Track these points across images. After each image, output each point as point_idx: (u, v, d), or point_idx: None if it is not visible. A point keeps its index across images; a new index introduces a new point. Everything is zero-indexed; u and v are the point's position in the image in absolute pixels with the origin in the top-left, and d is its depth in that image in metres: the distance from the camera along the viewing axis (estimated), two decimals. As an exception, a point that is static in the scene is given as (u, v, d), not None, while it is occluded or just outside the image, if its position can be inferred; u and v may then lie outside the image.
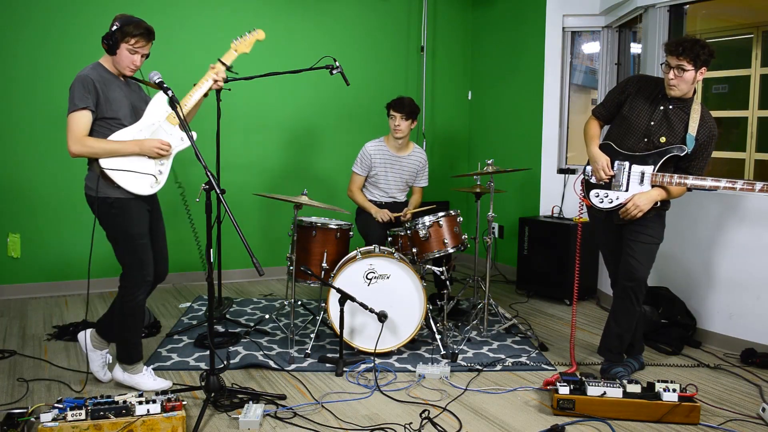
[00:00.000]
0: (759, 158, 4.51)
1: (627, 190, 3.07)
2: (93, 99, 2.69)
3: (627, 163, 3.07)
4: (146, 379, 2.96)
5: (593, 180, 3.17)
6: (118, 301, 2.90)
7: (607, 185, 3.12)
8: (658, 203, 3.03)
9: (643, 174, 3.04)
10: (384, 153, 4.20)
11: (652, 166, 3.02)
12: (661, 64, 2.99)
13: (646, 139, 3.06)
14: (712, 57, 2.88)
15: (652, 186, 3.02)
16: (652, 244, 3.09)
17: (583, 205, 3.24)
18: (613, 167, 3.10)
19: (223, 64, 3.05)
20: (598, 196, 3.14)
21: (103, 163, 2.72)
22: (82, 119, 2.68)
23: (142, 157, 2.78)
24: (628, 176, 3.07)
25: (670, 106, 3.03)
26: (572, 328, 3.37)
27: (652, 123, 3.04)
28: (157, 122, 2.84)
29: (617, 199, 3.08)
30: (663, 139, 3.02)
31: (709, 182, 2.93)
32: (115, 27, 2.71)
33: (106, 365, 3.03)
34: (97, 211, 2.80)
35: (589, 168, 3.19)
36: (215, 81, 2.99)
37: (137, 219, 2.82)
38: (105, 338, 3.00)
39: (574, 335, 3.38)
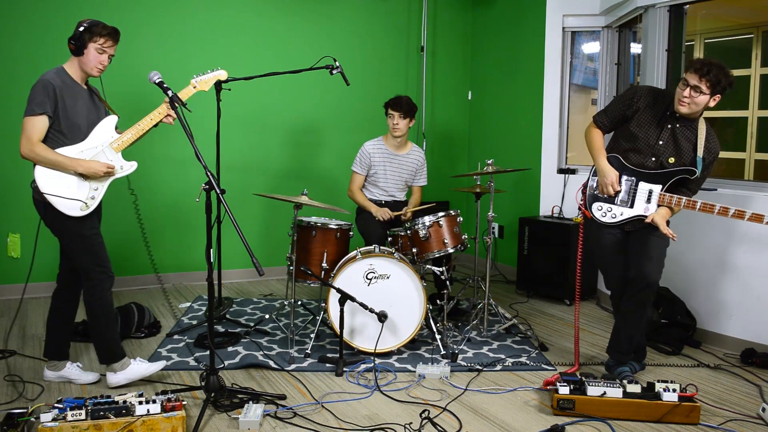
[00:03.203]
0: (759, 158, 4.52)
1: (632, 207, 3.04)
2: (51, 105, 2.71)
3: (634, 179, 3.05)
4: (137, 369, 2.97)
5: (597, 192, 3.13)
6: (88, 304, 2.90)
7: (610, 199, 3.09)
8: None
9: (650, 192, 3.01)
10: (383, 151, 4.20)
11: (660, 185, 3.00)
12: (679, 79, 2.92)
13: (654, 159, 3.03)
14: (731, 87, 2.81)
15: (659, 205, 3.00)
16: (663, 247, 3.08)
17: (580, 214, 3.21)
18: (619, 182, 3.07)
19: (178, 99, 2.89)
20: (600, 210, 3.10)
21: (41, 183, 2.72)
22: (38, 124, 2.71)
23: (79, 179, 2.78)
24: (635, 193, 3.04)
25: (677, 125, 2.99)
26: (575, 328, 3.37)
27: (661, 143, 3.01)
28: (100, 146, 2.85)
29: (621, 215, 3.06)
30: (672, 160, 2.99)
31: (716, 210, 2.91)
32: (82, 28, 2.77)
33: (80, 370, 3.06)
34: (44, 217, 2.81)
35: (593, 180, 3.15)
36: (167, 115, 2.92)
37: (88, 221, 2.83)
38: (57, 358, 3.03)
39: (578, 335, 3.37)
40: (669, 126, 3.00)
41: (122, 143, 2.88)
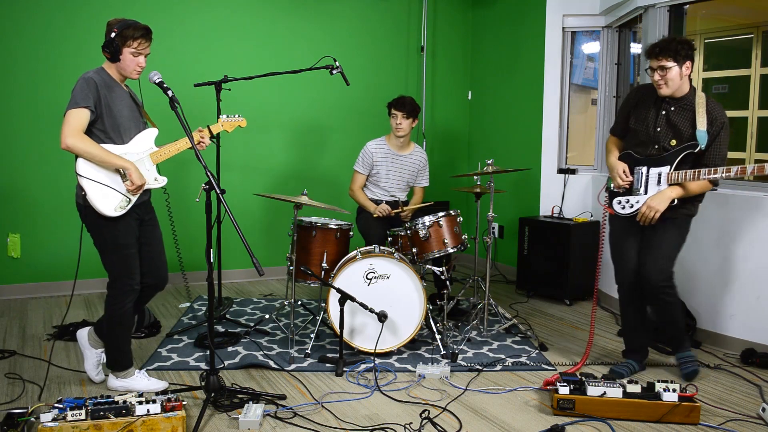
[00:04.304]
0: (759, 158, 4.52)
1: (646, 193, 3.10)
2: (94, 100, 2.69)
3: (645, 167, 3.11)
4: (139, 381, 2.96)
5: (614, 189, 3.22)
6: (106, 310, 2.89)
7: (628, 191, 3.16)
8: (675, 201, 3.04)
9: (660, 175, 3.07)
10: (385, 151, 4.21)
11: (669, 166, 3.05)
12: (645, 70, 3.03)
13: (656, 146, 3.09)
14: (693, 50, 2.95)
15: (669, 185, 3.05)
16: (670, 243, 3.13)
17: (606, 215, 3.28)
18: (632, 173, 3.14)
19: (210, 132, 3.12)
20: (620, 203, 3.18)
21: (82, 169, 2.70)
22: (81, 116, 2.67)
23: (120, 177, 2.76)
24: (646, 179, 3.10)
25: (672, 108, 3.05)
26: (591, 329, 3.37)
27: (658, 129, 3.08)
28: (141, 153, 2.85)
29: (637, 203, 3.11)
30: (674, 143, 3.05)
31: (720, 172, 2.92)
32: (113, 33, 2.71)
33: (99, 365, 3.03)
34: (84, 219, 2.80)
35: (610, 180, 3.26)
36: (198, 142, 2.97)
37: (124, 229, 2.80)
38: (101, 338, 3.01)
39: (592, 334, 3.38)
40: (663, 113, 3.08)
41: (160, 156, 2.89)
